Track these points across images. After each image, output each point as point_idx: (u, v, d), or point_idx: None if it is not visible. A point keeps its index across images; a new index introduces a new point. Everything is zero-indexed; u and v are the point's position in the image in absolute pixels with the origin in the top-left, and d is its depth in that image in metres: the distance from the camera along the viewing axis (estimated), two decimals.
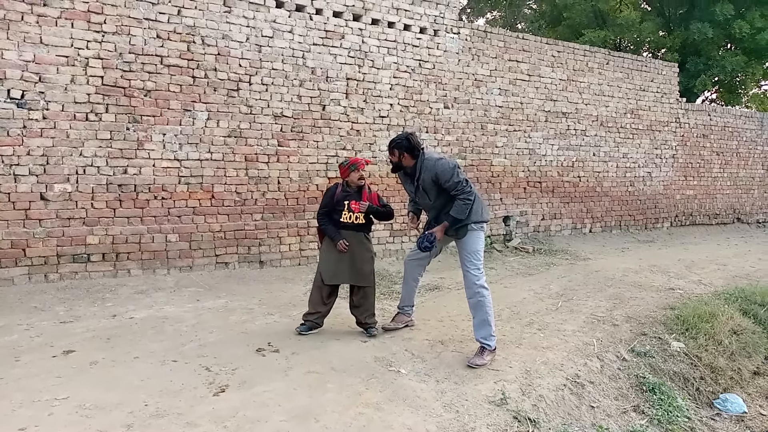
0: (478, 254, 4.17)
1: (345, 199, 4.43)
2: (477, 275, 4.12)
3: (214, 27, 6.47)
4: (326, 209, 4.52)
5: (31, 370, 3.61)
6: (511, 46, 9.15)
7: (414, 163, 4.24)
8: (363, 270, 4.44)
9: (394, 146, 4.27)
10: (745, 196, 13.30)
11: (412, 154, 4.23)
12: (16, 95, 5.46)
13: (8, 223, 5.46)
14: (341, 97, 7.43)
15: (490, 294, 4.14)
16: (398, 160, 4.30)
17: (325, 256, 4.51)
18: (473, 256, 4.15)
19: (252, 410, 3.15)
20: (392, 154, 4.31)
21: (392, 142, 4.29)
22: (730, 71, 15.15)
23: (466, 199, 4.08)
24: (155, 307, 5.17)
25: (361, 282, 4.46)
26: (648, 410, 4.14)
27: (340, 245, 4.37)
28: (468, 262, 4.15)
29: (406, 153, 4.23)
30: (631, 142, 10.91)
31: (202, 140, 6.43)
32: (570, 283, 6.71)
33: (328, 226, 4.48)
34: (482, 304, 4.08)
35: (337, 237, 4.41)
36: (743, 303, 6.00)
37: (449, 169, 4.10)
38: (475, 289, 4.10)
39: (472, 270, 4.13)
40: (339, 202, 4.44)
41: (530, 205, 9.51)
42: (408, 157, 4.25)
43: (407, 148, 4.22)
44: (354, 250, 4.42)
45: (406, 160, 4.27)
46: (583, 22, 16.78)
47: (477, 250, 4.17)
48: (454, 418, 3.28)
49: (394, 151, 4.28)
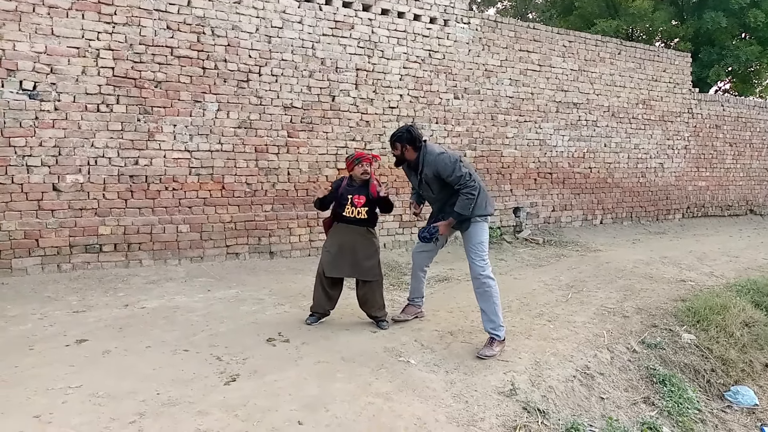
0: (483, 245, 4.16)
1: (349, 194, 4.39)
2: (482, 266, 4.11)
3: (224, 18, 6.47)
4: (326, 198, 4.51)
5: (44, 358, 3.65)
6: (522, 36, 9.08)
7: (417, 156, 4.22)
8: (365, 264, 4.39)
9: (395, 140, 4.24)
10: (758, 187, 13.16)
11: (414, 146, 4.21)
12: (28, 87, 5.50)
13: (21, 214, 5.51)
14: (351, 88, 7.42)
15: (496, 284, 4.13)
16: (401, 153, 4.27)
17: (326, 248, 4.49)
18: (478, 247, 4.15)
19: (262, 399, 3.17)
20: (394, 148, 4.29)
21: (393, 136, 4.26)
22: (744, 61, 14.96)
23: (469, 193, 4.04)
24: (167, 297, 5.20)
25: (363, 276, 4.42)
26: (658, 402, 4.13)
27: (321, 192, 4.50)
28: (473, 253, 4.15)
29: (408, 145, 4.21)
30: (643, 133, 10.82)
31: (212, 131, 6.45)
32: (580, 275, 6.69)
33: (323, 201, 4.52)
34: (489, 295, 4.08)
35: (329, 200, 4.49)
36: (755, 295, 5.96)
37: (450, 164, 4.07)
38: (481, 280, 4.10)
39: (477, 261, 4.13)
40: (343, 195, 4.41)
41: (540, 196, 9.47)
42: (410, 150, 4.22)
43: (408, 140, 4.19)
44: (356, 244, 4.39)
45: (409, 153, 4.24)
46: (595, 12, 16.62)
47: (481, 241, 4.16)
48: (463, 409, 3.29)
49: (396, 145, 4.25)
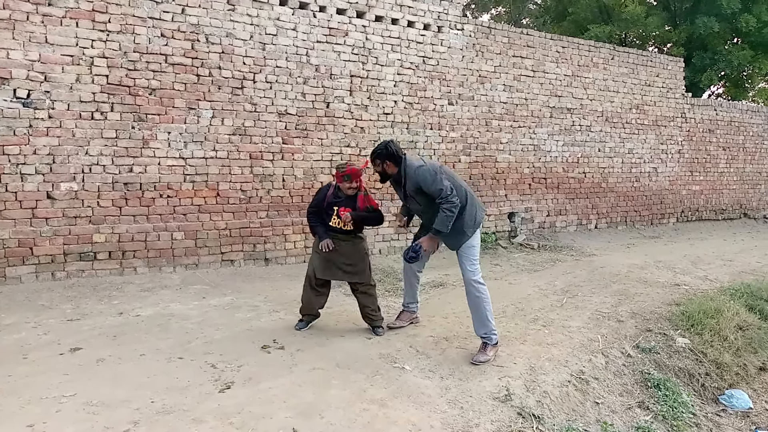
0: (474, 250, 4.18)
1: (335, 205, 4.35)
2: (473, 270, 4.13)
3: (218, 25, 6.49)
4: (316, 208, 4.44)
5: (38, 367, 3.64)
6: (516, 42, 9.12)
7: (398, 170, 4.18)
8: (355, 267, 4.38)
9: (375, 156, 4.21)
10: (752, 191, 13.23)
11: (394, 161, 4.17)
12: (22, 95, 5.50)
13: (15, 222, 5.50)
14: (345, 95, 7.44)
15: (487, 290, 4.15)
16: (382, 170, 4.26)
17: (316, 252, 4.46)
18: (468, 252, 4.16)
19: (257, 406, 3.17)
20: (375, 165, 4.25)
21: (372, 154, 4.23)
22: (737, 66, 15.03)
23: (449, 210, 3.97)
24: (161, 304, 5.19)
25: (355, 278, 4.42)
26: (653, 406, 4.14)
27: (324, 244, 4.32)
28: (464, 258, 4.16)
29: (388, 161, 4.18)
30: (637, 138, 10.87)
31: (207, 138, 6.46)
32: (575, 280, 6.71)
33: (317, 226, 4.42)
34: (480, 300, 4.09)
35: (323, 237, 4.36)
36: (749, 299, 5.99)
37: (430, 176, 4.02)
38: (471, 285, 4.12)
39: (467, 266, 4.14)
40: (329, 206, 4.37)
41: (535, 201, 9.50)
42: (391, 165, 4.19)
43: (387, 156, 4.16)
44: (344, 249, 4.37)
45: (390, 168, 4.21)
46: (588, 17, 16.69)
47: (472, 246, 4.18)
48: (458, 415, 3.30)
49: (376, 161, 4.22)
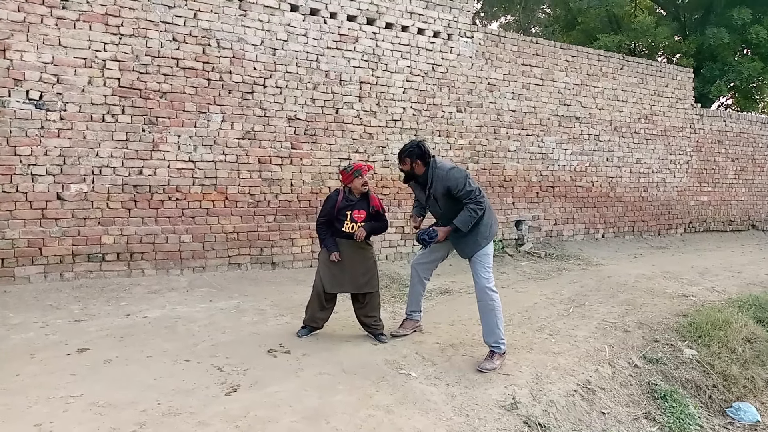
0: (488, 258, 4.16)
1: (348, 209, 4.31)
2: (487, 278, 4.11)
3: (230, 30, 6.53)
4: (326, 218, 4.39)
5: (46, 367, 3.66)
6: (525, 51, 9.14)
7: (425, 171, 4.19)
8: (364, 278, 4.36)
9: (405, 155, 4.19)
10: (760, 203, 13.16)
11: (423, 161, 4.18)
12: (35, 96, 5.55)
13: (25, 222, 5.54)
14: (354, 101, 7.46)
15: (499, 298, 4.13)
16: (410, 169, 4.23)
17: (325, 264, 4.40)
18: (483, 259, 4.14)
19: (263, 410, 3.17)
20: (404, 163, 4.23)
21: (403, 151, 4.20)
22: (746, 77, 14.98)
23: (475, 211, 4.01)
24: (168, 306, 5.21)
25: (364, 289, 4.38)
26: (659, 417, 4.11)
27: (333, 256, 4.29)
28: (478, 265, 4.14)
29: (419, 160, 4.17)
30: (645, 148, 10.85)
31: (216, 142, 6.49)
32: (582, 289, 6.68)
33: (327, 237, 4.37)
34: (491, 308, 4.07)
35: (332, 249, 4.31)
36: (757, 311, 5.96)
37: (462, 178, 4.05)
38: (485, 293, 4.09)
39: (481, 273, 4.12)
40: (341, 211, 4.31)
41: (543, 209, 9.48)
42: (420, 165, 4.19)
43: (419, 155, 4.16)
44: (354, 259, 4.34)
45: (419, 168, 4.21)
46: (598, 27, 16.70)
47: (487, 254, 4.16)
48: (464, 422, 3.29)
49: (406, 160, 4.20)
